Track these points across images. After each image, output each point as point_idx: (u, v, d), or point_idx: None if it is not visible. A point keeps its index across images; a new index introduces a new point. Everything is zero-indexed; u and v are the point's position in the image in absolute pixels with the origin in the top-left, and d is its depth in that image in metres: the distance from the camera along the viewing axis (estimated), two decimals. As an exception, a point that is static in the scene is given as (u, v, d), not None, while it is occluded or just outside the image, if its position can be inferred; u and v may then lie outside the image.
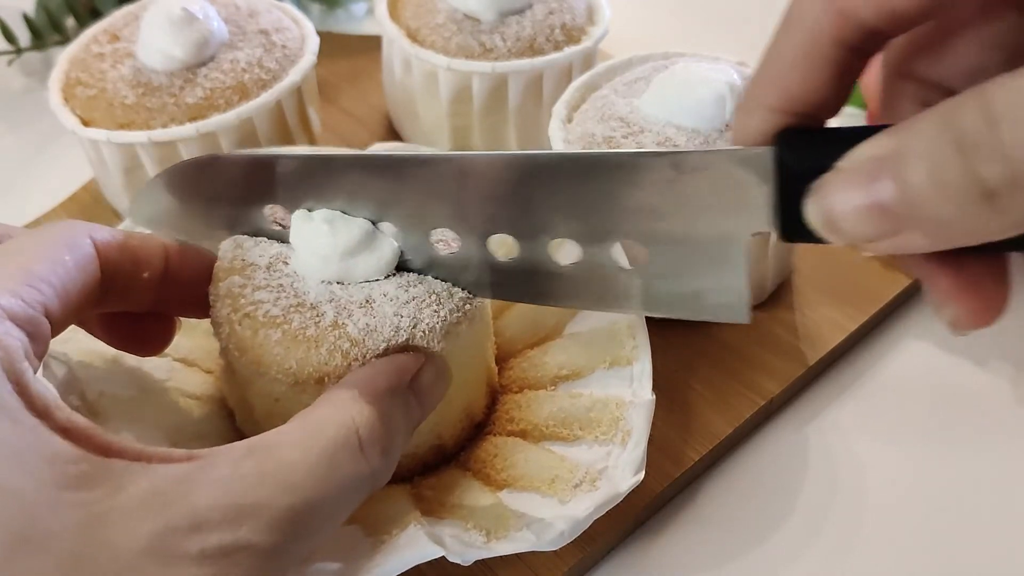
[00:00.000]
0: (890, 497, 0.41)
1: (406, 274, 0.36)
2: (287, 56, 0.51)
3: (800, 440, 0.43)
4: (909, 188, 0.22)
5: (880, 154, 0.23)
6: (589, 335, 0.41)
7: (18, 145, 0.62)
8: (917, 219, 0.23)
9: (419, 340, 0.34)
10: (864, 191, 0.23)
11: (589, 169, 0.30)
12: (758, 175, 0.27)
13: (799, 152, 0.25)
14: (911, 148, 0.22)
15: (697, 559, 0.39)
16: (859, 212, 0.24)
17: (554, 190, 0.31)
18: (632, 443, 0.36)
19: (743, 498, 0.41)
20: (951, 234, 0.23)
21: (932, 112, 0.22)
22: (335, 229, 0.35)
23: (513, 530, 0.35)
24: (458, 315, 0.35)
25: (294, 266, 0.36)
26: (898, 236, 0.23)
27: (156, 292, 0.35)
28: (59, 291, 0.30)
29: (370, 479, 0.30)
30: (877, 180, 0.23)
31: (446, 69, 0.51)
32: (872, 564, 0.39)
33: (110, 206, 0.54)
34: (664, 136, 0.43)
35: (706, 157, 0.28)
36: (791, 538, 0.40)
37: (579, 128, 0.46)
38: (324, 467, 0.28)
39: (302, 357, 0.33)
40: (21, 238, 0.31)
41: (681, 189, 0.29)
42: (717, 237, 0.29)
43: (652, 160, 0.29)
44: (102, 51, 0.50)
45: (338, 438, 0.29)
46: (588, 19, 0.55)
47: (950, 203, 0.22)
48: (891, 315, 0.48)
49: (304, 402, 0.34)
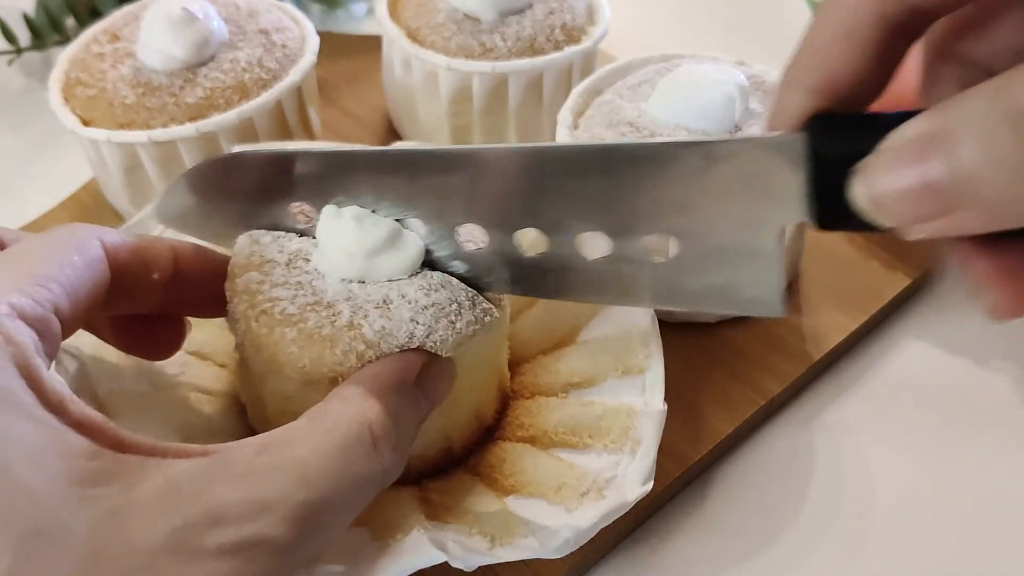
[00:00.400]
0: (893, 496, 0.41)
1: (429, 274, 0.35)
2: (287, 56, 0.51)
3: (802, 439, 0.43)
4: (962, 165, 0.22)
5: (929, 131, 0.22)
6: (602, 342, 0.41)
7: (18, 145, 0.62)
8: (971, 197, 0.22)
9: (430, 348, 0.34)
10: (914, 170, 0.22)
11: (616, 160, 0.29)
12: (791, 162, 0.26)
13: (834, 138, 0.25)
14: (962, 124, 0.22)
15: (698, 559, 0.39)
16: (910, 192, 0.23)
17: (582, 183, 0.30)
18: (641, 452, 0.36)
19: (744, 498, 0.41)
20: (1007, 213, 0.22)
21: (982, 87, 0.22)
22: (362, 226, 0.34)
23: (518, 537, 0.34)
24: (475, 327, 0.35)
25: (315, 263, 0.35)
26: (950, 216, 0.22)
27: (165, 293, 0.35)
28: (69, 291, 0.29)
29: (382, 475, 0.30)
30: (927, 158, 0.22)
31: (446, 69, 0.51)
32: (875, 563, 0.39)
33: (110, 206, 0.54)
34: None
35: (736, 145, 0.27)
36: (793, 538, 0.40)
37: (586, 134, 0.46)
38: (338, 462, 0.28)
39: (316, 356, 0.33)
40: (29, 241, 0.31)
41: (711, 179, 0.28)
42: (749, 228, 0.28)
43: (682, 150, 0.28)
44: (102, 51, 0.50)
45: (350, 434, 0.29)
46: (588, 19, 0.55)
47: (1007, 180, 0.21)
48: (893, 314, 0.48)
49: (316, 401, 0.34)
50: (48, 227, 0.52)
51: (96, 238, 0.32)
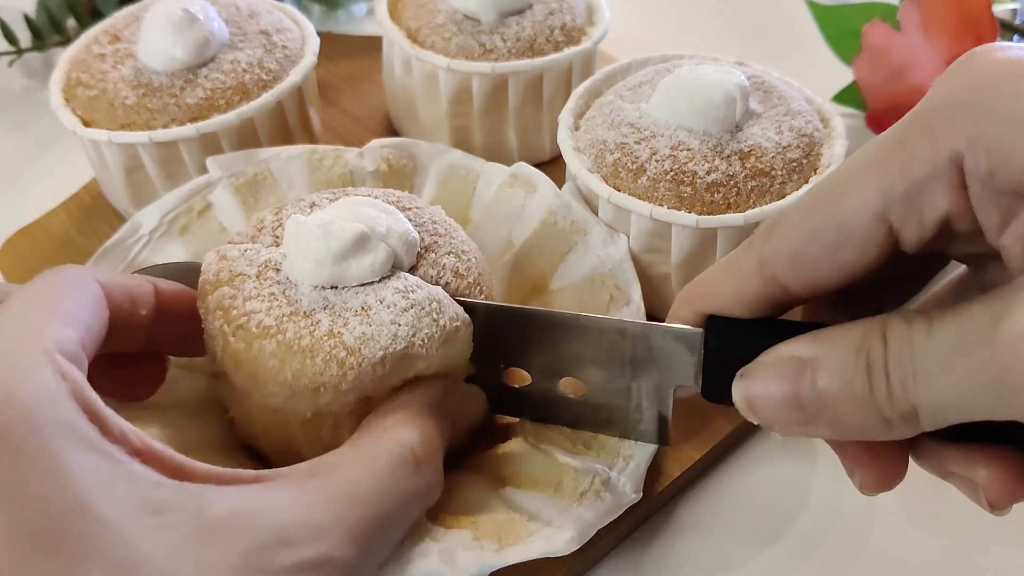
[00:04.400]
0: (895, 495, 0.41)
1: (402, 276, 0.35)
2: (288, 57, 0.51)
3: (803, 439, 0.43)
4: (821, 392, 0.26)
5: (801, 356, 0.27)
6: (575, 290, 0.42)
7: (19, 145, 0.62)
8: (826, 417, 0.26)
9: (418, 348, 0.34)
10: (782, 387, 0.27)
11: (552, 325, 0.35)
12: (689, 348, 0.32)
13: (724, 340, 0.30)
14: (828, 359, 0.26)
15: (698, 559, 0.39)
16: (776, 403, 0.27)
17: (526, 336, 0.36)
18: (634, 464, 0.37)
19: (745, 498, 0.41)
20: (854, 433, 0.27)
21: (855, 329, 0.26)
22: (328, 232, 0.34)
23: (524, 536, 0.35)
24: (457, 323, 0.35)
25: (286, 272, 0.35)
26: (809, 426, 0.27)
27: (149, 331, 0.35)
28: (88, 328, 0.30)
29: (426, 493, 0.33)
30: (795, 379, 0.27)
31: (446, 70, 0.51)
32: (876, 563, 0.39)
33: (111, 206, 0.54)
34: (676, 140, 0.43)
35: (646, 329, 0.33)
36: (794, 538, 0.40)
37: (588, 135, 0.46)
38: (387, 482, 0.31)
39: (297, 368, 0.33)
40: (32, 286, 0.31)
41: (623, 347, 0.34)
42: (649, 384, 0.34)
43: (601, 323, 0.34)
44: (103, 52, 0.50)
45: (394, 456, 0.31)
46: (588, 20, 0.55)
47: (854, 410, 0.26)
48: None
49: (301, 412, 0.34)
50: (50, 227, 0.53)
51: (92, 278, 0.32)
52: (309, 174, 0.46)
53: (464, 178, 0.47)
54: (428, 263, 0.37)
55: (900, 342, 0.25)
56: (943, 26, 0.49)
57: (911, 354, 0.25)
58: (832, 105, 0.47)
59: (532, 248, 0.45)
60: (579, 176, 0.44)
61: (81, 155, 0.54)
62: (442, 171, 0.48)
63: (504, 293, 0.44)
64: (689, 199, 0.42)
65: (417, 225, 0.38)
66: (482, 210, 0.46)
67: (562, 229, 0.44)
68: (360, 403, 0.35)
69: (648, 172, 0.43)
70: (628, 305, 0.42)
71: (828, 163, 0.44)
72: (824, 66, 0.59)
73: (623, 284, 0.43)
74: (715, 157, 0.42)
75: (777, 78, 0.47)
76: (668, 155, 0.42)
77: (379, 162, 0.47)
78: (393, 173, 0.47)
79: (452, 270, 0.37)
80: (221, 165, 0.46)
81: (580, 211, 0.44)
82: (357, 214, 0.36)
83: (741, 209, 0.42)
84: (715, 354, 0.30)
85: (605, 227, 0.44)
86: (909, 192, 0.25)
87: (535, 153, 0.55)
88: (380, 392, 0.35)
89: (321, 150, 0.47)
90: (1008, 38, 0.57)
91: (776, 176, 0.43)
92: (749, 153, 0.43)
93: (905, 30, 0.50)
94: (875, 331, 0.26)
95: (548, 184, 0.45)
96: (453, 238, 0.39)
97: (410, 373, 0.35)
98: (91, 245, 0.51)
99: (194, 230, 0.45)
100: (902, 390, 0.25)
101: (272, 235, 0.38)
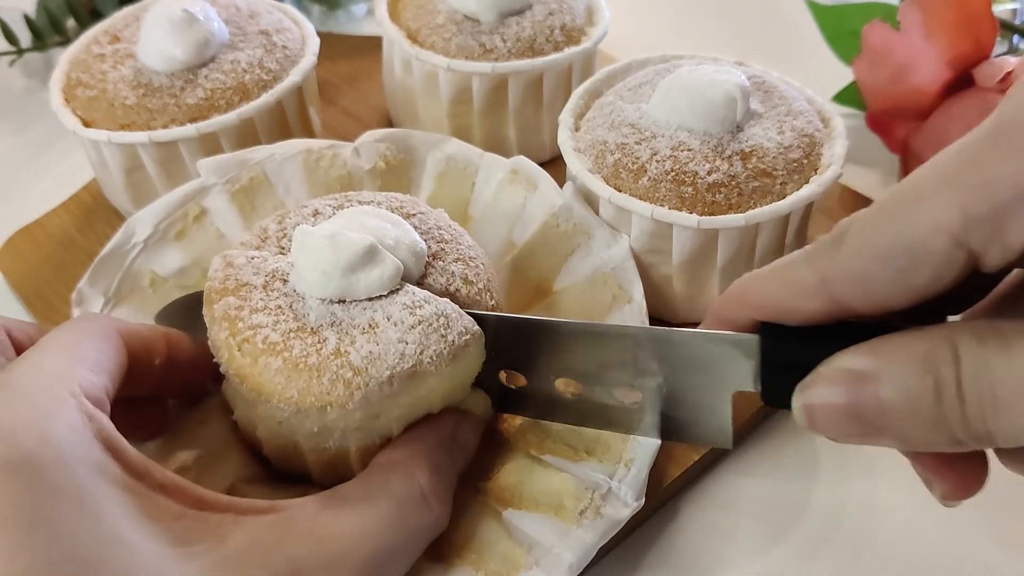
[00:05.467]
0: (897, 495, 0.41)
1: (410, 290, 0.35)
2: (288, 57, 0.51)
3: (804, 439, 0.43)
4: (883, 405, 0.25)
5: (861, 368, 0.26)
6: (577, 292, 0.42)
7: (19, 146, 0.62)
8: (888, 429, 0.26)
9: (426, 366, 0.33)
10: (842, 399, 0.26)
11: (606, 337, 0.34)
12: (745, 354, 0.31)
13: (780, 346, 0.29)
14: (890, 370, 0.25)
15: (698, 559, 0.39)
16: (838, 416, 0.26)
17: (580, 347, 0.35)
18: (635, 469, 0.37)
19: (745, 498, 0.41)
20: (919, 445, 0.26)
21: (916, 340, 0.25)
22: (337, 244, 0.34)
23: (523, 569, 0.35)
24: (467, 338, 0.35)
25: (293, 283, 0.35)
26: (872, 437, 0.26)
27: (159, 378, 0.36)
28: (111, 375, 0.32)
29: (434, 524, 0.34)
30: (855, 392, 0.26)
31: (446, 70, 0.51)
32: (878, 563, 0.39)
33: (111, 206, 0.54)
34: (677, 140, 0.43)
35: (698, 337, 0.32)
36: (795, 537, 0.40)
37: (588, 136, 0.46)
38: (395, 517, 0.32)
39: (303, 387, 0.33)
40: (60, 331, 0.32)
41: (676, 354, 0.33)
42: (706, 391, 0.33)
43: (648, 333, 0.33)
44: (103, 52, 0.50)
45: (402, 491, 0.33)
46: (588, 20, 0.55)
47: (918, 423, 0.25)
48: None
49: (307, 427, 0.34)
50: (50, 227, 0.53)
51: (114, 327, 0.34)
52: (306, 177, 0.46)
53: (462, 172, 0.47)
54: (437, 271, 0.37)
55: (975, 364, 0.24)
56: (943, 26, 0.49)
57: (989, 379, 0.23)
58: (832, 105, 0.47)
59: (534, 249, 0.45)
60: (580, 177, 0.44)
61: (81, 155, 0.54)
62: (439, 164, 0.48)
63: (506, 294, 0.44)
64: (690, 200, 0.42)
65: (422, 232, 0.38)
66: (482, 208, 0.46)
67: (564, 231, 0.44)
68: (368, 418, 0.34)
69: (649, 173, 0.43)
70: (630, 303, 0.42)
71: (828, 163, 0.44)
72: (824, 66, 0.59)
73: (625, 283, 0.43)
74: (716, 157, 0.42)
75: (777, 78, 0.47)
76: (669, 155, 0.42)
77: (376, 159, 0.47)
78: (390, 170, 0.47)
79: (461, 277, 0.37)
80: (212, 169, 0.45)
81: (583, 213, 0.44)
82: (363, 225, 0.35)
83: (742, 209, 0.42)
84: (771, 359, 0.30)
85: (608, 229, 0.44)
86: (993, 214, 0.23)
87: (535, 153, 0.55)
88: (389, 409, 0.34)
89: (316, 149, 0.47)
90: (1008, 38, 0.57)
91: (777, 176, 0.43)
92: (750, 153, 0.43)
93: (905, 30, 0.50)
94: (943, 347, 0.24)
95: (549, 182, 0.45)
96: (459, 244, 0.38)
97: (422, 389, 0.34)
98: (91, 245, 0.51)
99: (191, 236, 0.45)
100: (979, 416, 0.24)
101: (277, 245, 0.38)
